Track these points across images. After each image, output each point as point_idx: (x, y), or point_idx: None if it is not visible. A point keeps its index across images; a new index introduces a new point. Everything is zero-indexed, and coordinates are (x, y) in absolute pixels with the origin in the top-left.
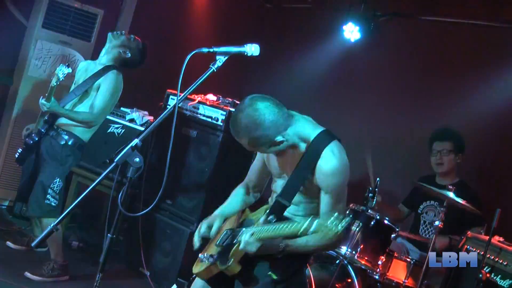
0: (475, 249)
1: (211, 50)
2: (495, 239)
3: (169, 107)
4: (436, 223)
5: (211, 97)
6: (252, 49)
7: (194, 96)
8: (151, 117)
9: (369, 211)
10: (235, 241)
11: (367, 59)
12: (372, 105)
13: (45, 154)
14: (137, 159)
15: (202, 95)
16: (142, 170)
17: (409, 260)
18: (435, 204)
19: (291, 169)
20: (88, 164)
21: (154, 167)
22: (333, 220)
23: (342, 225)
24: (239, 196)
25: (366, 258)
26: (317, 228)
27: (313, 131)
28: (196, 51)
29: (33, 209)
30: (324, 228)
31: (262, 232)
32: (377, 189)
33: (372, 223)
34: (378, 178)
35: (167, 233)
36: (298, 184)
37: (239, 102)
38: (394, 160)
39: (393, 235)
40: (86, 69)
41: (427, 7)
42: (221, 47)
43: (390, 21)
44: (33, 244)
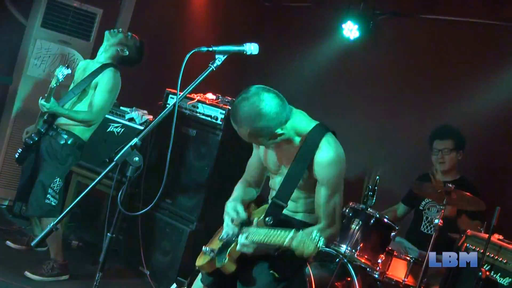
0: (474, 247)
1: (210, 49)
2: (495, 237)
3: (169, 106)
4: (435, 221)
5: (210, 96)
6: (251, 48)
7: (193, 95)
8: (151, 116)
9: (369, 209)
10: (234, 239)
11: (366, 58)
12: (371, 103)
13: (44, 153)
14: (137, 158)
15: (202, 94)
16: (142, 169)
17: (408, 258)
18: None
19: (287, 164)
20: (88, 164)
21: (154, 166)
22: (313, 238)
23: (320, 244)
24: (243, 188)
25: (366, 256)
26: (297, 246)
27: (308, 125)
28: (195, 50)
29: (33, 209)
30: (303, 246)
31: (256, 235)
32: (376, 188)
33: (372, 221)
34: (377, 177)
35: (166, 232)
36: (296, 178)
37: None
38: (393, 158)
39: (392, 234)
40: (84, 68)
41: (426, 6)
42: (220, 46)
43: (389, 20)
44: (33, 244)
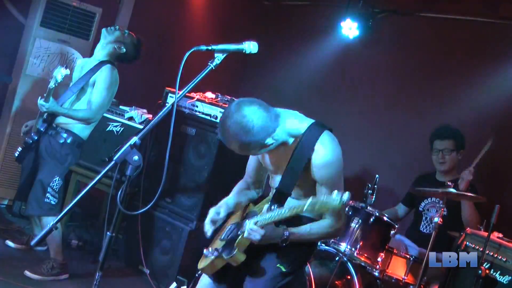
0: (474, 245)
1: (209, 48)
2: (494, 235)
3: (168, 105)
4: (435, 219)
5: (209, 94)
6: (250, 46)
7: (192, 94)
8: (150, 115)
9: (368, 208)
10: (239, 232)
11: (365, 56)
12: (371, 101)
13: (44, 153)
14: (136, 157)
15: (201, 93)
16: (141, 168)
17: (408, 256)
18: (436, 200)
19: (284, 166)
20: (88, 163)
21: (153, 165)
22: (336, 195)
23: (345, 198)
24: (241, 190)
25: (366, 255)
26: (320, 205)
27: (302, 126)
28: (194, 49)
29: (33, 208)
30: (326, 204)
31: (266, 220)
32: (376, 186)
33: (372, 220)
34: (377, 176)
35: (166, 231)
36: (293, 179)
37: (231, 102)
38: (393, 157)
39: (392, 232)
40: (82, 66)
41: (425, 4)
42: (219, 44)
43: (389, 18)
44: (33, 243)
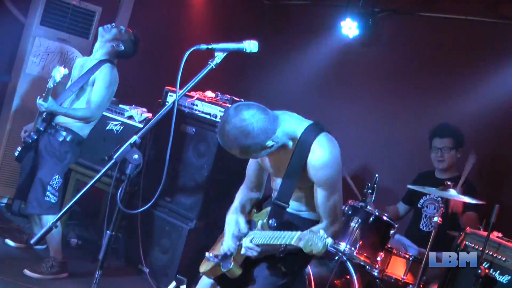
0: (474, 245)
1: (210, 47)
2: (494, 235)
3: (168, 104)
4: (435, 219)
5: (209, 93)
6: (251, 45)
7: (192, 93)
8: (150, 114)
9: (368, 207)
10: (238, 243)
11: (365, 56)
12: (371, 101)
13: (43, 151)
14: (136, 156)
15: (201, 92)
16: (141, 167)
17: (408, 256)
18: (435, 197)
19: (284, 168)
20: (87, 162)
21: (153, 164)
22: (321, 236)
23: (329, 242)
24: (244, 196)
25: (365, 254)
26: (305, 244)
27: (299, 127)
28: (194, 48)
29: (33, 207)
30: (311, 244)
31: (261, 238)
32: (375, 186)
33: (371, 219)
34: (377, 175)
35: (166, 230)
36: (293, 182)
37: (229, 107)
38: (393, 157)
39: (391, 231)
40: (81, 66)
41: (425, 4)
42: (219, 43)
43: (388, 18)
44: (32, 242)
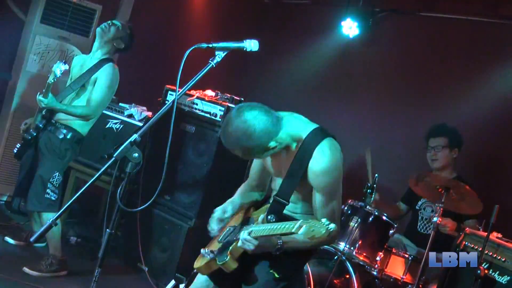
0: (473, 245)
1: (210, 45)
2: (494, 236)
3: (168, 102)
4: (434, 219)
5: (209, 92)
6: (251, 44)
7: (192, 92)
8: (150, 113)
9: (368, 207)
10: (235, 238)
11: (365, 55)
12: (370, 101)
13: (43, 148)
14: (136, 154)
15: (201, 90)
16: (141, 165)
17: (407, 256)
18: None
19: (285, 170)
20: (86, 160)
21: (152, 163)
22: (323, 223)
23: (332, 227)
24: (245, 192)
25: (364, 254)
26: (307, 231)
27: (304, 130)
28: (195, 46)
29: (33, 204)
30: (313, 231)
31: (259, 231)
32: (375, 185)
33: (371, 219)
34: (376, 175)
35: (165, 229)
36: (293, 184)
37: (234, 106)
38: (392, 157)
39: (391, 231)
40: (82, 64)
41: (425, 3)
42: (220, 42)
43: (389, 17)
44: (32, 239)
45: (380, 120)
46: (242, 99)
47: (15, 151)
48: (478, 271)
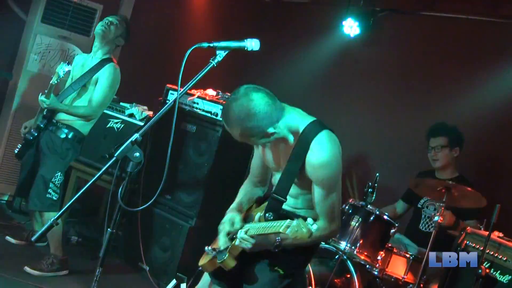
0: (474, 245)
1: (211, 45)
2: (495, 235)
3: (169, 102)
4: (435, 218)
5: (210, 92)
6: (252, 44)
7: (193, 91)
8: (151, 112)
9: (369, 206)
10: (234, 236)
11: (366, 55)
12: (371, 100)
13: (45, 148)
14: (137, 154)
15: (202, 90)
16: (142, 165)
17: (408, 255)
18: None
19: (284, 163)
20: (87, 159)
21: (153, 162)
22: (307, 222)
23: (314, 228)
24: (247, 191)
25: (366, 253)
26: (291, 231)
27: (302, 123)
28: (196, 45)
29: (34, 203)
30: (297, 231)
31: (255, 230)
32: (376, 185)
33: (372, 218)
34: (377, 174)
35: (166, 228)
36: (291, 178)
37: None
38: (393, 156)
39: (392, 230)
40: (83, 64)
41: (426, 3)
42: (221, 42)
43: (390, 17)
44: (34, 238)
45: (381, 119)
46: None
47: (16, 151)
48: (479, 271)
